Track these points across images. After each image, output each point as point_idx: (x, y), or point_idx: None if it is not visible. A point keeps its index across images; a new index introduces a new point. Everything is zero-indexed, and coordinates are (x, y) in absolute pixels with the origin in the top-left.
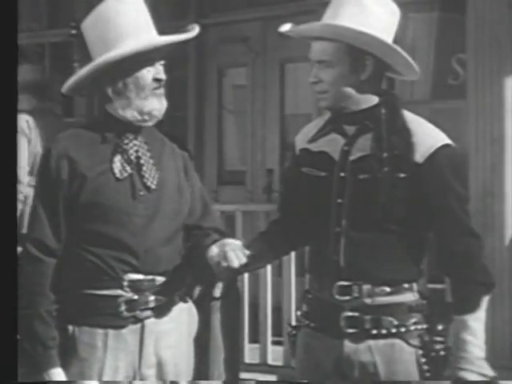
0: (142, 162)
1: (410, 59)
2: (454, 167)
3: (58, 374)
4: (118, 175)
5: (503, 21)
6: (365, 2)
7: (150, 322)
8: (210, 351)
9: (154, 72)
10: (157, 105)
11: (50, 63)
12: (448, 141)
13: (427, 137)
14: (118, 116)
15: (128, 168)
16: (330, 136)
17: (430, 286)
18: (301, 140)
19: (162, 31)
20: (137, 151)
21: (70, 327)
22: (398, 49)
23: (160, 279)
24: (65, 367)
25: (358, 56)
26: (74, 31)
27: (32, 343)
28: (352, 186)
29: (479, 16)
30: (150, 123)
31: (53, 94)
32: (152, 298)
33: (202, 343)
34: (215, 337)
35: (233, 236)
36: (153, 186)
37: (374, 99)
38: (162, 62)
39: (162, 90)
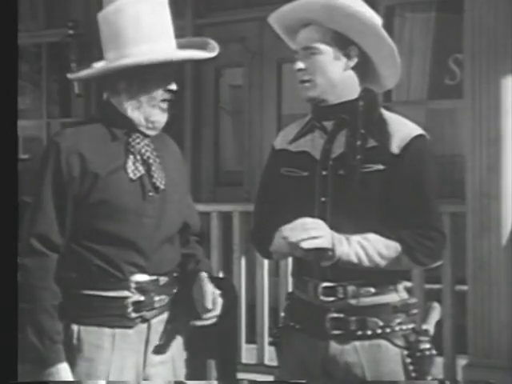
0: (150, 161)
1: (395, 49)
2: (429, 158)
3: (65, 369)
4: (131, 175)
5: (500, 21)
6: None
7: (156, 322)
8: (207, 351)
9: (167, 83)
10: (161, 117)
11: (47, 63)
12: (421, 131)
13: (402, 127)
14: (125, 114)
15: (141, 168)
16: (311, 135)
17: (427, 286)
18: (280, 142)
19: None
20: (146, 151)
21: (75, 327)
22: (387, 36)
23: (163, 279)
24: (70, 367)
25: (344, 44)
26: (71, 31)
27: (39, 337)
28: (334, 183)
29: (476, 16)
30: (150, 132)
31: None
32: (157, 298)
33: (199, 343)
34: (212, 336)
35: (229, 236)
36: (161, 187)
37: (354, 93)
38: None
39: (166, 104)
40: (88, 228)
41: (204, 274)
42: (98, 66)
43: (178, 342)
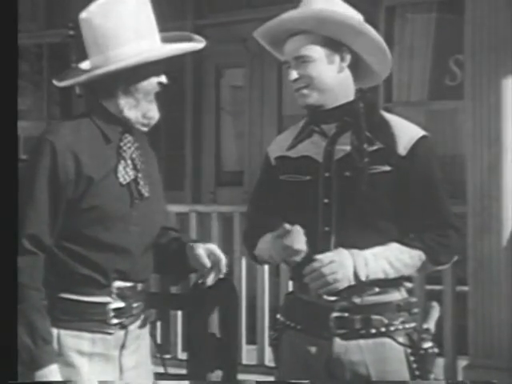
0: (138, 167)
1: (385, 45)
2: (435, 158)
3: (56, 370)
4: (121, 180)
5: (501, 22)
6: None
7: (132, 328)
8: (207, 351)
9: (158, 77)
10: (155, 113)
11: (47, 64)
12: (424, 132)
13: (405, 129)
14: (119, 115)
15: (131, 173)
16: (310, 140)
17: (428, 287)
18: (276, 149)
19: (160, 32)
20: (136, 156)
21: (55, 330)
22: (376, 34)
23: (140, 286)
24: None
25: (335, 47)
26: (71, 32)
27: (32, 337)
28: (338, 184)
29: (477, 17)
30: (145, 128)
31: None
32: (135, 304)
33: (199, 343)
34: (212, 337)
35: (230, 237)
36: (146, 194)
37: (351, 95)
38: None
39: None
40: (75, 232)
41: (189, 244)
42: (84, 67)
43: (147, 347)
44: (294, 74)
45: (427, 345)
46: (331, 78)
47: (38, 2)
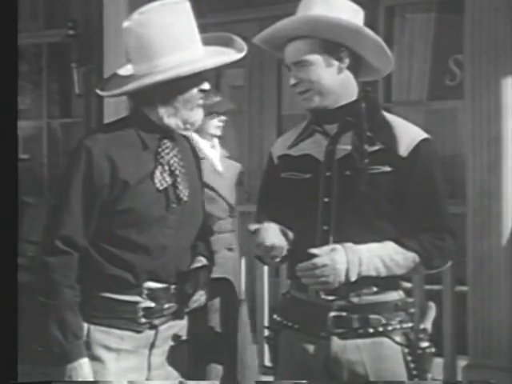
0: (177, 173)
1: (383, 43)
2: (437, 161)
3: (86, 363)
4: (157, 185)
5: (501, 22)
6: (331, 1)
7: (163, 328)
8: (208, 351)
9: (200, 84)
10: (199, 116)
11: (47, 63)
12: (426, 135)
13: (407, 130)
14: (159, 122)
15: (168, 179)
16: (312, 138)
17: (427, 287)
18: (278, 148)
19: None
20: (174, 162)
21: (85, 325)
22: (372, 33)
23: (174, 287)
24: None
25: (333, 49)
26: (71, 31)
27: (63, 333)
28: (338, 183)
29: (477, 17)
30: (188, 132)
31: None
32: (166, 305)
33: (200, 343)
34: (214, 336)
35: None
36: (184, 198)
37: (353, 95)
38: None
39: (202, 100)
40: (110, 232)
41: (197, 258)
42: (124, 73)
43: (169, 345)
44: (292, 81)
45: (424, 344)
46: (331, 81)
47: (37, 1)
